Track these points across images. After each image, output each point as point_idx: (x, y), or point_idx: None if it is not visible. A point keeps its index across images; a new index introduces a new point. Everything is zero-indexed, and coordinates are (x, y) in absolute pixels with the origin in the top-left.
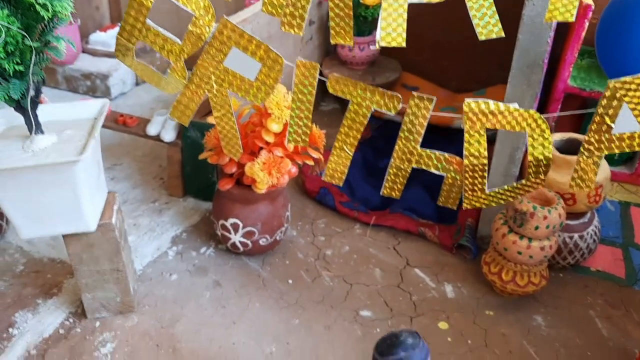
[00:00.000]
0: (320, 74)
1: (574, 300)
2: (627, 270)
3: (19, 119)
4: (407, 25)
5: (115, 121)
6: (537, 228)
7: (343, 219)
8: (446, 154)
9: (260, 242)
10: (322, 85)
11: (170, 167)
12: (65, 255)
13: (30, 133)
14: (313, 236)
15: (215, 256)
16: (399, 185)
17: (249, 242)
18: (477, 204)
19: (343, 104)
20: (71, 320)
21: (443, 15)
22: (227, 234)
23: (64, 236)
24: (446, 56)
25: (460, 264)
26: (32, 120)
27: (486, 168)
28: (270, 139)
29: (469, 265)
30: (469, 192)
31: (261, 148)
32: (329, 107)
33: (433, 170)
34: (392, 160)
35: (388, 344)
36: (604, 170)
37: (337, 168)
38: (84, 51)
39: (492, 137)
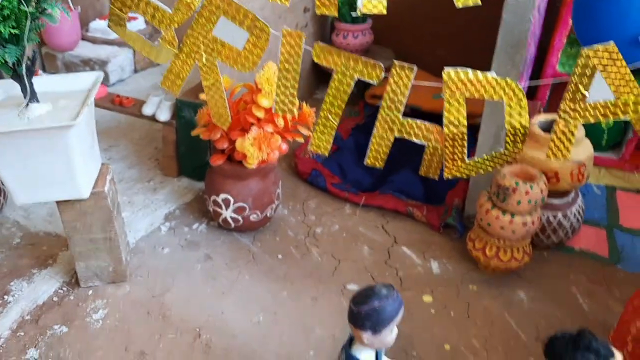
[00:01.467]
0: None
1: (556, 277)
2: (611, 250)
3: (16, 90)
4: (404, 15)
5: (112, 102)
6: (519, 203)
7: (334, 199)
8: (427, 123)
9: (251, 217)
10: (316, 74)
11: (165, 147)
12: (60, 229)
13: (26, 101)
14: (304, 215)
15: (207, 232)
16: (382, 155)
17: (239, 217)
18: (458, 174)
19: None
20: (65, 288)
21: (438, 5)
22: (218, 209)
23: (58, 203)
24: (441, 45)
25: (447, 242)
26: (28, 88)
27: (465, 137)
28: (260, 114)
29: (455, 244)
30: (450, 162)
31: (252, 124)
32: (322, 96)
33: (414, 140)
34: (375, 130)
35: (363, 294)
36: (587, 149)
37: (322, 137)
38: (83, 38)
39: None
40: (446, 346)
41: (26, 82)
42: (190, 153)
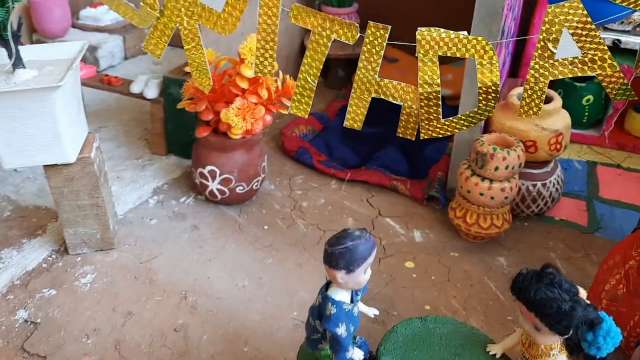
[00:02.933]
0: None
1: (536, 244)
2: (590, 219)
3: (3, 58)
4: (390, 2)
5: (101, 81)
6: (496, 169)
7: (320, 175)
8: (403, 84)
9: (237, 189)
10: None
11: (153, 124)
12: (50, 202)
13: (12, 66)
14: (290, 190)
15: (194, 205)
16: (360, 116)
17: (226, 189)
18: (434, 134)
19: (326, 77)
20: (54, 256)
21: None
22: (205, 181)
23: (46, 169)
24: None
25: (430, 213)
26: (14, 53)
27: (440, 96)
28: (244, 85)
29: (437, 215)
30: (425, 122)
31: (236, 96)
32: None
33: (391, 100)
34: (352, 91)
35: (337, 236)
36: (564, 119)
37: (302, 100)
38: (74, 26)
39: None
40: (426, 307)
41: (12, 46)
42: (178, 130)
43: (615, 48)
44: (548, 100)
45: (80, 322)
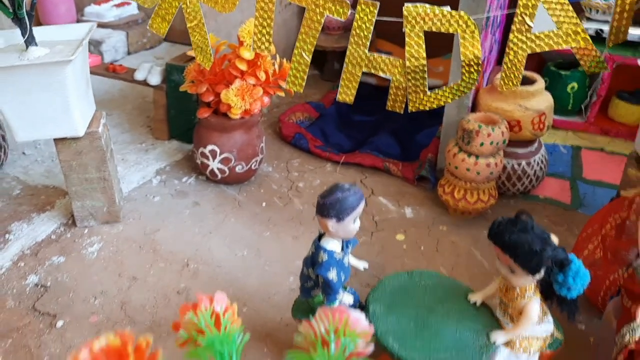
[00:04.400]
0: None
1: None
2: (573, 198)
3: (16, 39)
4: None
5: (106, 69)
6: (482, 145)
7: (316, 159)
8: (391, 58)
9: (237, 169)
10: None
11: (156, 110)
12: (58, 182)
13: (26, 43)
14: (287, 172)
15: (196, 184)
16: (352, 90)
17: (226, 168)
18: (421, 106)
19: (322, 70)
20: (62, 228)
21: None
22: (205, 160)
23: (56, 143)
24: None
25: (420, 192)
26: (28, 31)
27: (426, 69)
28: (243, 67)
29: (428, 194)
30: (413, 95)
31: (236, 78)
32: (309, 73)
33: (381, 74)
34: (344, 66)
35: (328, 189)
36: (547, 100)
37: (297, 75)
38: (78, 22)
39: None
40: None
41: (27, 24)
42: (180, 116)
43: (598, 37)
44: (532, 82)
45: (88, 286)
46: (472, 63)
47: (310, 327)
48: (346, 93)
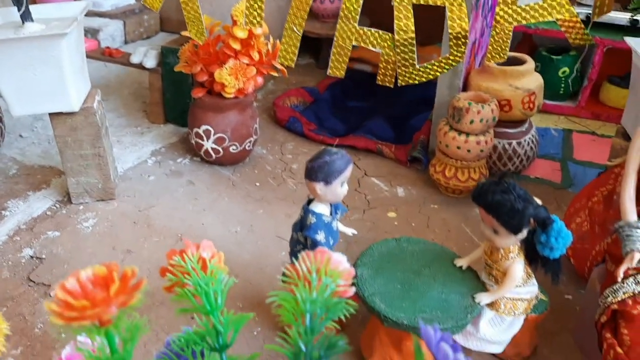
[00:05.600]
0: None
1: None
2: (563, 178)
3: (13, 17)
4: None
5: (102, 53)
6: (472, 122)
7: (310, 142)
8: (381, 31)
9: (231, 149)
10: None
11: (152, 94)
12: (54, 162)
13: (22, 18)
14: (281, 154)
15: (190, 164)
16: (342, 64)
17: (220, 148)
18: (411, 80)
19: (318, 59)
20: (58, 205)
21: None
22: (200, 141)
23: (52, 118)
24: (415, 14)
25: (413, 173)
26: (24, 7)
27: (414, 43)
28: (237, 46)
29: (420, 174)
30: (402, 68)
31: (229, 57)
32: (304, 62)
33: (370, 47)
34: (334, 40)
35: (316, 154)
36: (537, 80)
37: (288, 49)
38: None
39: None
40: None
41: (23, 0)
42: (175, 99)
43: (588, 22)
44: (521, 62)
45: (83, 258)
46: (459, 36)
47: (294, 269)
48: (337, 67)
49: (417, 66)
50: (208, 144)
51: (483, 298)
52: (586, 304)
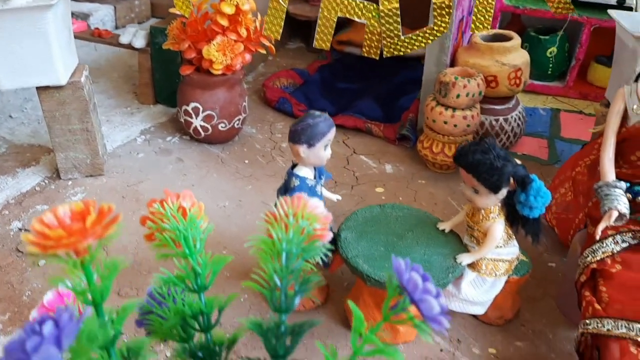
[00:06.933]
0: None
1: None
2: (550, 154)
3: None
4: None
5: (92, 34)
6: (458, 96)
7: None
8: (365, 2)
9: (219, 126)
10: (289, 25)
11: (141, 74)
12: (43, 141)
13: None
14: (271, 134)
15: (180, 143)
16: (327, 36)
17: (208, 126)
18: (396, 51)
19: (308, 42)
20: (46, 181)
21: None
22: (189, 118)
23: (39, 92)
24: None
25: (401, 151)
26: None
27: (399, 13)
28: (224, 22)
29: (408, 152)
30: (387, 39)
31: (217, 34)
32: (295, 46)
33: (355, 19)
34: (320, 12)
35: (300, 118)
36: (523, 56)
37: (274, 20)
38: None
39: None
40: None
41: None
42: (165, 79)
43: (575, 1)
44: (508, 39)
45: None
46: (443, 6)
47: (272, 214)
48: (322, 39)
49: (402, 37)
50: (197, 122)
51: (464, 258)
52: (568, 268)
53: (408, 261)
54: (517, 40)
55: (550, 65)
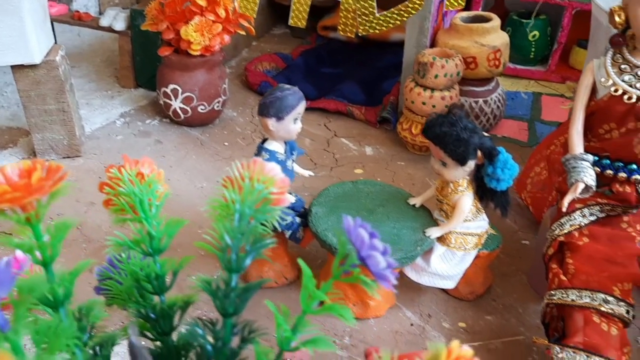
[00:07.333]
0: None
1: None
2: (530, 136)
3: None
4: None
5: (72, 17)
6: (436, 77)
7: None
8: None
9: (199, 109)
10: (274, 11)
11: (121, 57)
12: (22, 123)
13: None
14: (252, 117)
15: (159, 125)
16: (303, 14)
17: (188, 108)
18: (371, 29)
19: (293, 28)
20: None
21: None
22: (168, 100)
23: (14, 72)
24: None
25: (382, 134)
26: None
27: None
28: (202, 2)
29: (389, 134)
30: (362, 17)
31: (195, 15)
32: (280, 31)
33: None
34: None
35: (269, 91)
36: (502, 37)
37: None
38: None
39: None
40: None
41: None
42: (146, 62)
43: None
44: (487, 20)
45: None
46: None
47: (228, 178)
48: (297, 17)
49: (377, 15)
50: (176, 104)
51: (433, 232)
52: (539, 244)
53: (359, 220)
54: (496, 21)
55: (533, 49)
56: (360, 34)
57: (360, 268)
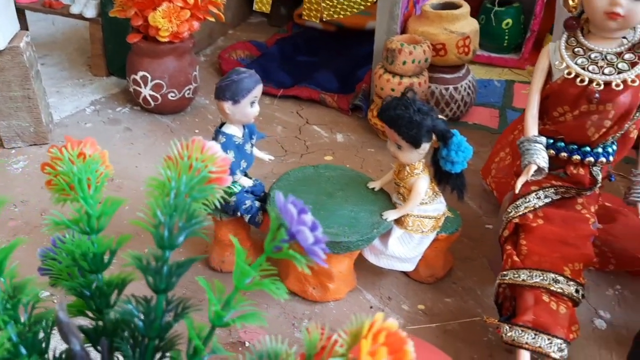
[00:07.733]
0: None
1: None
2: (500, 123)
3: None
4: None
5: (43, 4)
6: (404, 63)
7: None
8: None
9: (169, 96)
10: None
11: (93, 45)
12: None
13: None
14: None
15: (130, 113)
16: None
17: (158, 95)
18: (335, 15)
19: (270, 17)
20: None
21: None
22: (138, 88)
23: None
24: None
25: (354, 121)
26: None
27: None
28: None
29: (361, 122)
30: (327, 2)
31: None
32: (256, 20)
33: None
34: None
35: (226, 75)
36: (472, 24)
37: None
38: None
39: None
40: None
41: None
42: (117, 50)
43: None
44: (457, 6)
45: (10, 196)
46: None
47: (168, 157)
48: (262, 2)
49: (336, 1)
50: (146, 91)
51: (390, 214)
52: (498, 226)
53: (291, 197)
54: (465, 8)
55: (506, 37)
56: (324, 19)
57: (295, 245)
